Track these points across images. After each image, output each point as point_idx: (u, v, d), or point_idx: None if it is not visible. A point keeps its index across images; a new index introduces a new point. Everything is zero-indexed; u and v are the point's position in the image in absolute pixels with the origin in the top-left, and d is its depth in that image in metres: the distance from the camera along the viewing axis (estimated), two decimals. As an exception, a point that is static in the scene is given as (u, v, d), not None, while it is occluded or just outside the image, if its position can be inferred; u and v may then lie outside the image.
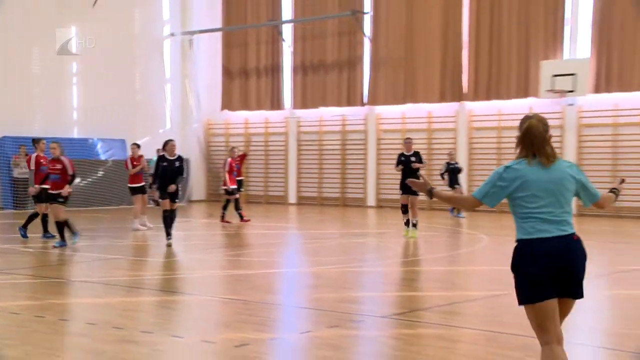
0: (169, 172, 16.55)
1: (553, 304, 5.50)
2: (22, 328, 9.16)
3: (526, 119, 5.68)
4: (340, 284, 12.58)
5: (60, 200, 16.24)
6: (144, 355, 7.87)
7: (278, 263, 16.05)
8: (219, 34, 34.36)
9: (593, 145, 25.88)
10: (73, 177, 16.69)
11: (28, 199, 27.55)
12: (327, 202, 31.29)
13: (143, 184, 20.87)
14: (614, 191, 6.16)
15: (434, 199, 5.97)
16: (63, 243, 16.22)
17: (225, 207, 22.41)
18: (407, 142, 19.54)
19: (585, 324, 9.73)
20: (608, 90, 25.31)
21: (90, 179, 29.17)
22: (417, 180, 6.05)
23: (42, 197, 18.18)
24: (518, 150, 5.66)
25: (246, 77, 33.48)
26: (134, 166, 20.67)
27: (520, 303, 5.54)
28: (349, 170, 30.91)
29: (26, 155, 26.97)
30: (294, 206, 31.39)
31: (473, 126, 28.01)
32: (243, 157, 24.51)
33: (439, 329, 9.06)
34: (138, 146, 21.32)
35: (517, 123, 21.06)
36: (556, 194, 5.53)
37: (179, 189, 16.85)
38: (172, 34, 33.89)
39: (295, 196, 32.09)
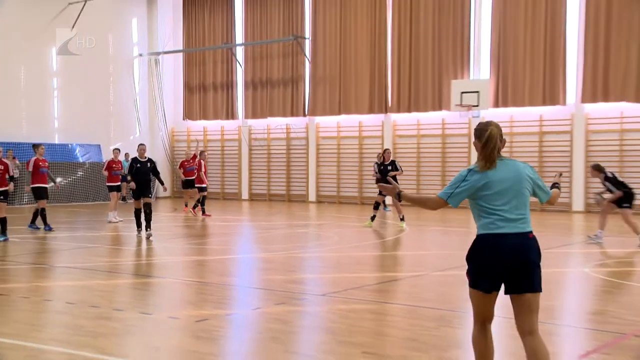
0: (141, 172, 16.43)
1: (493, 297, 5.24)
2: (10, 307, 9.04)
3: (486, 126, 5.31)
4: (286, 267, 12.56)
5: (1, 198, 15.69)
6: (117, 330, 7.77)
7: (233, 250, 15.99)
8: (180, 55, 34.11)
9: (495, 150, 26.18)
10: (12, 177, 16.20)
11: (15, 196, 27.27)
12: (275, 197, 31.25)
13: (119, 183, 20.80)
14: (557, 186, 5.87)
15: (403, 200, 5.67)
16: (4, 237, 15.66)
17: (203, 202, 22.44)
18: (387, 152, 19.54)
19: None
20: (505, 105, 25.60)
21: (70, 179, 28.87)
22: (386, 185, 5.75)
23: (42, 194, 17.98)
24: (479, 154, 5.32)
25: (204, 91, 33.30)
26: (113, 168, 20.59)
27: (470, 286, 5.25)
28: (293, 170, 30.91)
29: (13, 158, 26.67)
30: (246, 201, 31.31)
31: (397, 134, 28.14)
32: (194, 158, 24.11)
33: (369, 305, 9.10)
34: (119, 151, 21.28)
35: (433, 131, 21.37)
36: (516, 193, 5.21)
37: (154, 185, 16.65)
38: (141, 55, 33.59)
39: (248, 193, 31.98)
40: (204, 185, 22.65)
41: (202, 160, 22.83)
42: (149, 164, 16.70)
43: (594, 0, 23.94)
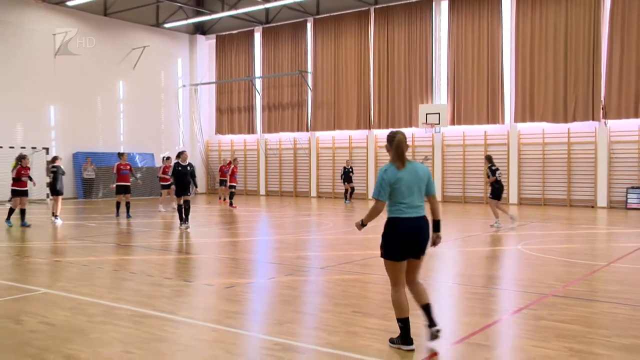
0: (182, 174, 15.59)
1: (405, 263, 5.48)
2: (90, 275, 9.16)
3: (395, 134, 5.49)
4: (294, 247, 12.61)
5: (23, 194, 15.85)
6: (165, 293, 7.85)
7: (254, 233, 16.00)
8: (213, 85, 34.10)
9: (451, 157, 26.21)
10: (30, 178, 16.28)
11: (92, 192, 27.40)
12: (285, 193, 31.24)
13: (169, 182, 20.91)
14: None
15: (365, 224, 5.67)
16: (25, 223, 15.72)
17: (231, 197, 22.66)
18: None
19: (445, 268, 9.89)
20: (459, 123, 25.58)
21: (131, 179, 28.87)
22: (356, 222, 5.72)
23: (121, 190, 18.12)
24: (391, 156, 5.48)
25: (231, 112, 33.27)
26: (164, 172, 20.75)
27: (383, 257, 5.47)
28: (299, 173, 30.88)
29: (91, 164, 26.84)
30: (263, 196, 31.31)
31: (378, 145, 28.05)
32: (229, 164, 24.29)
33: (358, 275, 9.13)
34: (171, 159, 21.42)
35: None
36: (415, 188, 5.43)
37: (191, 185, 15.72)
38: (184, 85, 33.59)
39: (265, 190, 31.98)
40: (234, 184, 22.97)
41: (233, 166, 23.14)
42: (188, 167, 15.59)
43: (521, 45, 24.14)
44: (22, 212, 15.77)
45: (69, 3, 27.15)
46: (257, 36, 32.10)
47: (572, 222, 17.60)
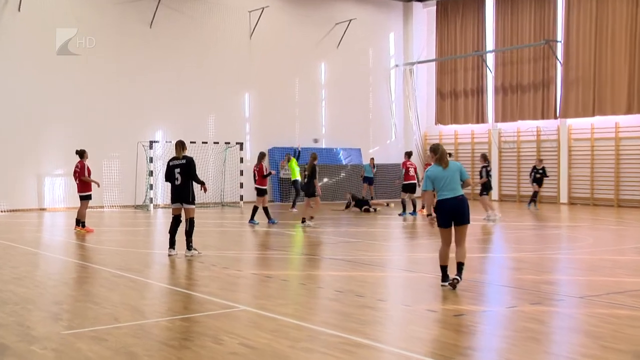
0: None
1: (450, 229, 9.51)
2: (291, 292, 9.73)
3: (438, 146, 9.72)
4: (539, 268, 12.09)
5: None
6: (379, 318, 7.99)
7: (484, 248, 15.58)
8: (433, 63, 34.25)
9: None
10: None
11: (290, 194, 28.90)
12: (524, 198, 30.20)
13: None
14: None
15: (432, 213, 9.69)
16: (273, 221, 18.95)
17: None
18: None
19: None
20: None
21: (334, 180, 29.96)
22: (431, 223, 9.71)
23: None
24: (434, 159, 9.67)
25: (455, 97, 33.22)
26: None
27: (439, 226, 9.53)
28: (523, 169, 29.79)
29: (289, 161, 28.08)
30: (496, 201, 30.62)
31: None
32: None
33: (634, 311, 8.37)
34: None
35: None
36: (452, 178, 9.51)
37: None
38: (397, 65, 34.22)
39: (498, 192, 31.20)
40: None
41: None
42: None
43: None
44: (265, 210, 19.18)
45: (264, -26, 29.04)
46: (489, 0, 31.66)
47: None
